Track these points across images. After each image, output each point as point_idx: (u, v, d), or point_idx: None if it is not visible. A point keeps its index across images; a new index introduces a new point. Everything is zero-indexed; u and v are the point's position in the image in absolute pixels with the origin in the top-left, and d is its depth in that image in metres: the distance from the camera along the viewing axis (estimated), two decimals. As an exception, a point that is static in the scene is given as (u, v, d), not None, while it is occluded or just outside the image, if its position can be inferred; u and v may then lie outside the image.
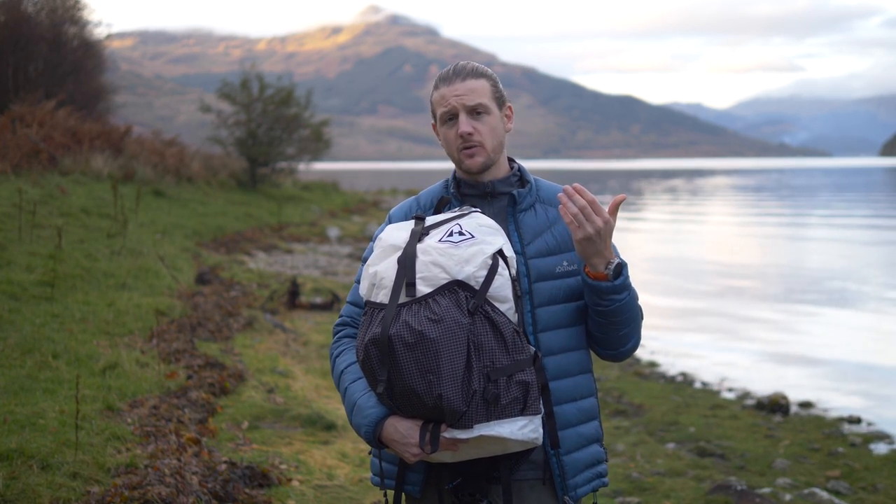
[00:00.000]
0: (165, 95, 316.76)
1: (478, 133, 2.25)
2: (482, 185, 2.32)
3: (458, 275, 2.03)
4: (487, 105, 2.26)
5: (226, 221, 18.05)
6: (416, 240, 2.11)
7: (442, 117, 2.28)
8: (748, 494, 5.07)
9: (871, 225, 27.57)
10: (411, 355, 1.96)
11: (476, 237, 2.09)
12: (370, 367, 2.04)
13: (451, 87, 2.25)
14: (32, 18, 23.25)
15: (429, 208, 2.36)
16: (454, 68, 2.29)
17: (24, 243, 9.58)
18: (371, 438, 2.11)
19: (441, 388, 1.95)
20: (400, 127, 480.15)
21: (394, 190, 41.26)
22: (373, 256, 2.18)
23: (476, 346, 1.98)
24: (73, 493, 3.93)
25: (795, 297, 13.63)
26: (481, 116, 2.26)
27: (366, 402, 2.12)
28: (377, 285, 2.10)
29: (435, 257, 2.05)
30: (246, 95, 26.33)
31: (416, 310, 2.00)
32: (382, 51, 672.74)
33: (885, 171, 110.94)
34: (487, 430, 2.00)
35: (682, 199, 47.45)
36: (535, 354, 2.07)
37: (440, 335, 1.95)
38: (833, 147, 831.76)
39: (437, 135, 2.36)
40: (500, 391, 1.99)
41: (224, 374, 6.43)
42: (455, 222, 2.14)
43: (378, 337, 2.00)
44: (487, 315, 2.01)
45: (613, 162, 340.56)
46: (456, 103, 2.25)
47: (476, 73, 2.27)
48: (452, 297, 2.00)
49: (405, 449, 2.06)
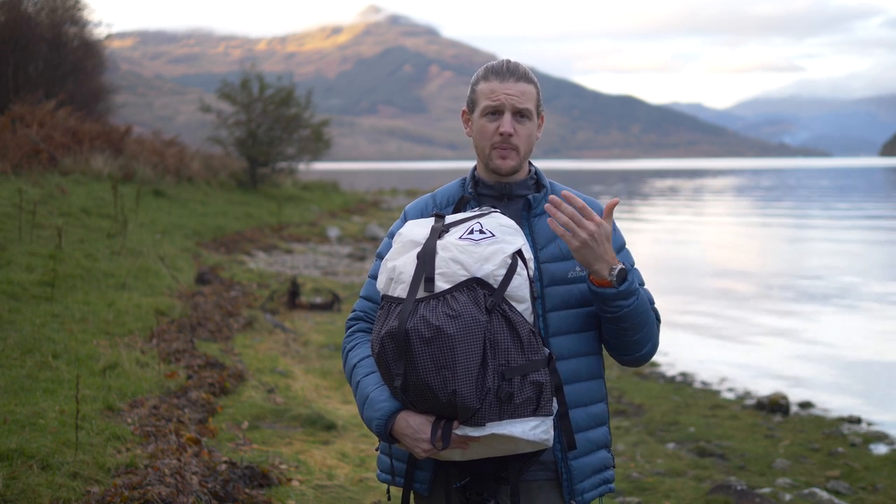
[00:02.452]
0: (165, 95, 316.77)
1: (517, 136, 2.26)
2: (500, 186, 2.32)
3: (478, 272, 2.03)
4: (531, 111, 2.28)
5: (226, 221, 18.05)
6: (436, 236, 2.11)
7: (485, 109, 2.27)
8: (748, 494, 5.07)
9: (872, 226, 27.56)
10: (427, 350, 1.96)
11: (496, 236, 2.09)
12: (385, 361, 2.04)
13: (504, 83, 2.25)
14: (32, 18, 23.25)
15: (444, 206, 2.37)
16: (508, 65, 2.28)
17: (24, 243, 9.58)
18: (382, 432, 2.10)
19: (456, 383, 1.95)
20: (400, 127, 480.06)
21: (394, 190, 41.26)
22: (392, 251, 2.18)
23: (492, 344, 1.99)
24: (73, 493, 3.93)
25: (796, 297, 13.63)
26: (523, 121, 2.27)
27: (378, 395, 2.12)
28: (395, 280, 2.10)
29: (455, 254, 2.06)
30: (246, 95, 26.33)
31: (434, 305, 2.00)
32: (382, 51, 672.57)
33: (885, 171, 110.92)
34: (499, 429, 2.00)
35: (683, 199, 47.45)
36: (549, 356, 2.06)
37: (457, 331, 1.95)
38: (833, 147, 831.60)
39: (467, 123, 2.36)
40: (513, 390, 1.98)
41: (224, 374, 6.43)
42: (476, 221, 2.15)
43: (395, 330, 1.99)
44: (505, 314, 2.02)
45: (613, 162, 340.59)
46: (505, 101, 2.25)
47: (528, 78, 2.28)
48: (471, 294, 2.01)
49: (416, 444, 2.06)
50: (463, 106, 2.38)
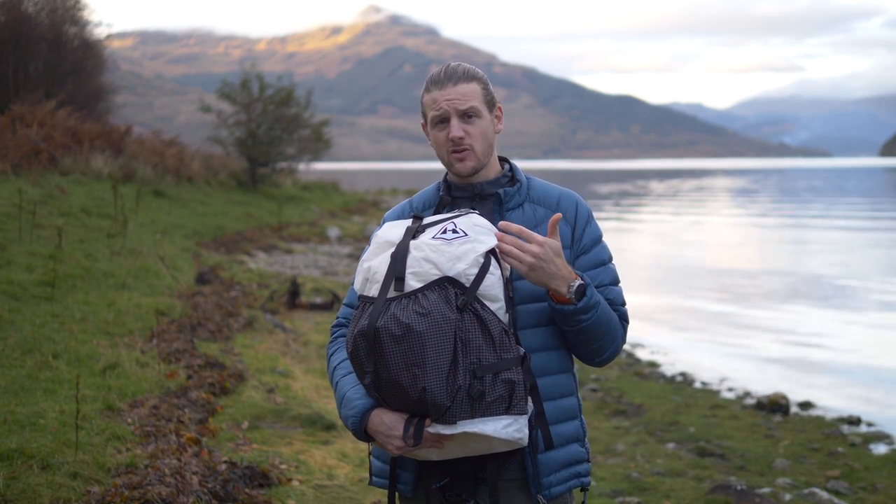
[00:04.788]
0: (165, 95, 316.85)
1: (468, 136, 2.26)
2: (471, 186, 2.33)
3: (449, 271, 2.04)
4: (478, 108, 2.27)
5: (226, 221, 18.05)
6: (409, 236, 2.13)
7: (433, 120, 2.29)
8: (748, 494, 5.07)
9: (873, 227, 27.57)
10: (398, 348, 1.97)
11: (469, 235, 2.10)
12: (358, 359, 2.06)
13: (442, 90, 2.26)
14: (32, 18, 23.24)
15: (422, 210, 2.38)
16: (445, 71, 2.29)
17: (24, 243, 9.58)
18: (357, 429, 2.13)
19: (426, 381, 1.96)
20: (400, 127, 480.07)
21: (394, 190, 41.26)
22: (368, 252, 2.22)
23: (463, 343, 1.99)
24: (73, 493, 3.93)
25: (796, 297, 13.63)
26: (472, 120, 2.26)
27: (354, 394, 2.15)
28: (370, 280, 2.13)
29: (427, 253, 2.07)
30: (246, 95, 26.31)
31: (405, 303, 2.01)
32: (382, 51, 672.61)
33: (885, 171, 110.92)
34: (471, 427, 2.00)
35: (683, 199, 47.44)
36: (523, 355, 2.07)
37: (427, 329, 1.97)
38: (833, 147, 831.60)
39: (427, 136, 2.37)
40: (485, 388, 1.99)
41: (224, 374, 6.43)
42: (450, 221, 2.16)
43: (366, 329, 2.02)
44: (476, 312, 2.02)
45: (613, 162, 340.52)
46: (447, 107, 2.25)
47: (467, 77, 2.27)
48: (442, 292, 2.02)
49: (388, 441, 2.08)
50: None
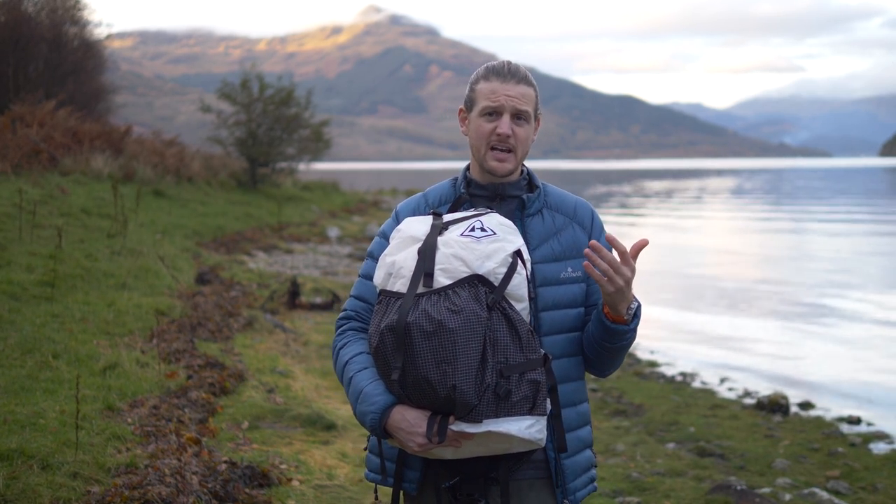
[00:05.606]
0: (165, 95, 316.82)
1: (514, 137, 2.26)
2: (493, 186, 2.32)
3: (479, 269, 2.04)
4: (530, 114, 2.28)
5: (226, 221, 18.05)
6: (436, 232, 2.12)
7: (484, 109, 2.27)
8: (748, 494, 5.07)
9: (874, 230, 27.56)
10: (428, 344, 1.96)
11: (498, 234, 2.10)
12: (384, 355, 2.03)
13: (505, 84, 2.25)
14: (32, 18, 23.25)
15: (437, 206, 2.36)
16: (510, 67, 2.28)
17: (24, 243, 9.58)
18: (377, 426, 2.08)
19: (456, 378, 1.95)
20: (400, 127, 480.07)
21: (394, 190, 41.26)
22: (390, 247, 2.18)
23: (492, 341, 1.99)
24: (74, 492, 3.93)
25: (796, 298, 13.63)
26: (521, 123, 2.27)
27: (373, 389, 2.11)
28: (395, 275, 2.10)
29: (456, 250, 2.06)
30: (246, 95, 26.31)
31: (435, 300, 2.00)
32: (382, 51, 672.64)
33: (885, 171, 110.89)
34: (496, 427, 1.99)
35: (683, 199, 47.43)
36: (545, 356, 2.07)
37: (459, 326, 1.96)
38: (833, 147, 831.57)
39: (463, 122, 2.35)
40: (511, 388, 1.99)
41: (224, 374, 6.43)
42: (476, 219, 2.15)
43: (395, 324, 1.99)
44: (505, 312, 2.02)
45: (613, 162, 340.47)
46: (505, 102, 2.25)
47: (528, 81, 2.28)
48: (472, 290, 2.01)
49: (410, 438, 2.05)
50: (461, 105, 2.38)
